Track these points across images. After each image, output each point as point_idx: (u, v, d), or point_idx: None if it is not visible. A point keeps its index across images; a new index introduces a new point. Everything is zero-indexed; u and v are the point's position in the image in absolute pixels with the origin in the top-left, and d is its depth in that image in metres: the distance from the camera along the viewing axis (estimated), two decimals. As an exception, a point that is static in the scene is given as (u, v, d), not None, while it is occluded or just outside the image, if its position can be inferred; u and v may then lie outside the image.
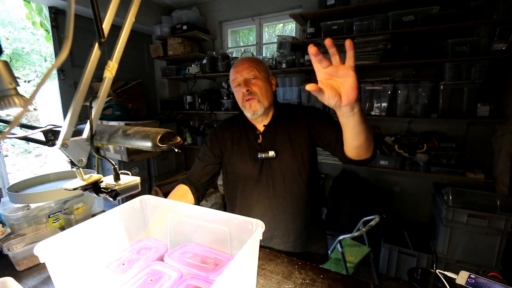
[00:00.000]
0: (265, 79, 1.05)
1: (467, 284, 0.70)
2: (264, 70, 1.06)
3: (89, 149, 0.58)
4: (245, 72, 1.03)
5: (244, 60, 1.06)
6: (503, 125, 1.92)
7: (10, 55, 5.34)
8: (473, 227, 1.77)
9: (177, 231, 0.75)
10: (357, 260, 1.79)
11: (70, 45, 0.43)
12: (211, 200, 2.74)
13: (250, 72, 1.02)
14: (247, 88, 1.01)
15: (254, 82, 1.03)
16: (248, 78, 1.03)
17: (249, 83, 1.03)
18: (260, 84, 1.03)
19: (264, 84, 1.04)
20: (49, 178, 1.29)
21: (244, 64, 1.04)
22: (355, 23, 2.16)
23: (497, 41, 1.79)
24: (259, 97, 1.02)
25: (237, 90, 1.06)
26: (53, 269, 0.54)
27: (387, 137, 2.31)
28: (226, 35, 3.21)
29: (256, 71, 1.03)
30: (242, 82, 1.03)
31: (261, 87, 1.03)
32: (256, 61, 1.06)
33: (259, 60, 1.08)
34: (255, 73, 1.03)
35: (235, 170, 1.10)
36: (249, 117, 1.06)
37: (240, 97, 1.04)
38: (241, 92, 1.03)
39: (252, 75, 1.03)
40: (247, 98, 1.02)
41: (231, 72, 1.08)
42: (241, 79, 1.03)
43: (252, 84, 1.02)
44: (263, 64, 1.07)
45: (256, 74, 1.03)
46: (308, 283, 0.76)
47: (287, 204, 1.04)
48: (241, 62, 1.05)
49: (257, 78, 1.03)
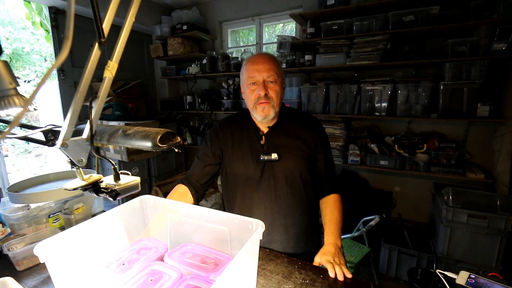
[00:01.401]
0: (281, 84, 1.02)
1: (467, 284, 0.70)
2: (281, 73, 1.02)
3: (89, 149, 0.58)
4: (266, 74, 0.97)
5: (265, 58, 0.99)
6: (503, 125, 1.92)
7: (10, 55, 5.34)
8: (473, 227, 1.76)
9: (177, 231, 0.75)
10: (357, 260, 1.79)
11: (70, 45, 0.43)
12: (211, 200, 2.74)
13: (270, 75, 0.97)
14: (265, 92, 0.97)
15: (273, 86, 0.98)
16: (268, 79, 0.98)
17: (267, 86, 0.98)
18: (278, 89, 0.99)
19: (280, 89, 1.01)
20: (49, 178, 1.29)
21: (266, 64, 0.98)
22: (355, 23, 2.16)
23: (497, 41, 1.79)
24: (274, 102, 0.99)
25: (251, 89, 1.00)
26: (53, 269, 0.54)
27: (387, 137, 2.31)
28: (226, 35, 3.21)
29: (276, 74, 0.98)
30: (261, 84, 0.98)
31: (278, 93, 0.99)
32: (277, 63, 1.01)
33: (277, 60, 1.03)
34: (275, 77, 0.98)
35: (235, 171, 1.07)
36: (258, 119, 1.03)
37: (254, 97, 0.99)
38: (257, 92, 0.98)
39: (272, 78, 0.98)
40: (262, 101, 0.98)
41: (247, 68, 1.00)
42: (260, 79, 0.98)
43: (270, 88, 0.98)
44: (281, 67, 1.03)
45: (276, 78, 0.98)
46: (308, 283, 0.76)
47: (288, 208, 1.03)
48: (262, 60, 0.99)
49: (275, 83, 0.99)
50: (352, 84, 2.24)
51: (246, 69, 1.01)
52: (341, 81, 2.39)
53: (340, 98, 2.31)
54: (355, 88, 2.22)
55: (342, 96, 2.30)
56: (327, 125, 2.39)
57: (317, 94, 2.38)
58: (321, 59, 2.31)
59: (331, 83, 2.34)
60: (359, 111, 2.27)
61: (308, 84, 2.43)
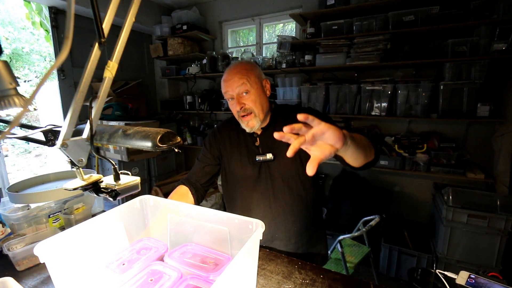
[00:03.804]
0: (258, 89, 0.99)
1: (467, 284, 0.70)
2: (256, 77, 0.99)
3: (89, 149, 0.58)
4: (236, 86, 0.96)
5: (233, 70, 0.99)
6: (503, 125, 1.92)
7: (10, 55, 5.34)
8: (473, 227, 1.76)
9: (177, 231, 0.75)
10: (357, 260, 1.79)
11: (70, 45, 0.43)
12: (211, 200, 2.74)
13: (241, 86, 0.96)
14: (241, 105, 0.97)
15: (247, 97, 0.98)
16: (240, 93, 0.97)
17: (241, 98, 0.98)
18: (254, 97, 0.98)
19: (258, 96, 0.99)
20: (49, 178, 1.29)
21: (234, 77, 0.97)
22: (355, 23, 2.16)
23: (497, 41, 1.79)
24: (255, 111, 0.98)
25: (231, 104, 1.01)
26: (53, 269, 0.54)
27: (387, 137, 2.31)
28: (226, 35, 3.21)
29: (248, 83, 0.96)
30: (235, 97, 0.98)
31: (255, 101, 0.98)
32: (246, 70, 0.98)
33: (249, 66, 1.00)
34: (246, 87, 0.96)
35: (234, 172, 1.09)
36: (247, 130, 1.04)
37: (235, 111, 1.01)
38: (235, 107, 0.99)
39: (244, 89, 0.96)
40: (242, 114, 0.99)
41: (221, 84, 1.01)
42: (233, 94, 0.98)
43: (246, 100, 0.98)
44: (254, 70, 1.00)
45: (248, 88, 0.97)
46: (308, 283, 0.76)
47: (287, 206, 1.04)
48: (230, 74, 0.98)
49: (249, 92, 0.97)
50: (352, 84, 2.24)
51: (221, 85, 1.03)
52: (341, 81, 2.39)
53: (340, 98, 2.31)
54: (355, 88, 2.22)
55: (342, 96, 2.30)
56: (327, 125, 2.39)
57: (317, 94, 2.38)
58: (321, 59, 2.31)
59: (331, 83, 2.34)
60: (359, 111, 2.27)
61: (308, 84, 2.43)
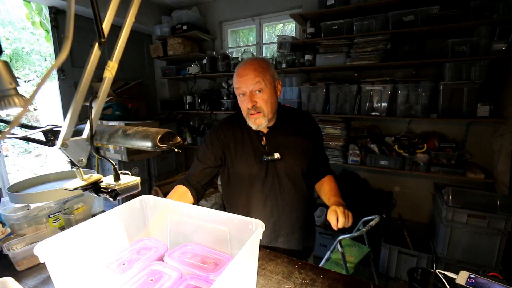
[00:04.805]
0: (271, 89, 0.99)
1: (467, 284, 0.70)
2: (270, 77, 0.99)
3: (89, 149, 0.58)
4: (251, 83, 0.95)
5: (250, 67, 0.97)
6: (503, 125, 1.92)
7: (10, 55, 5.34)
8: (473, 227, 1.76)
9: (177, 231, 0.75)
10: (357, 260, 1.79)
11: (70, 45, 0.43)
12: (211, 200, 2.74)
13: (256, 84, 0.95)
14: (253, 103, 0.96)
15: (260, 96, 0.97)
16: (253, 90, 0.96)
17: (254, 96, 0.97)
18: (266, 97, 0.97)
19: (270, 96, 0.98)
20: (49, 178, 1.29)
21: (250, 74, 0.95)
22: (355, 23, 2.16)
23: (497, 41, 1.79)
24: (264, 111, 0.98)
25: (241, 100, 1.01)
26: (53, 269, 0.54)
27: (387, 137, 2.31)
28: (226, 35, 3.20)
29: (262, 81, 0.95)
30: (247, 94, 0.97)
31: (267, 101, 0.98)
32: (262, 68, 0.97)
33: (266, 65, 0.99)
34: (261, 85, 0.96)
35: (239, 171, 1.07)
36: (253, 128, 1.03)
37: (244, 107, 1.00)
38: (246, 104, 0.98)
39: (258, 87, 0.96)
40: (251, 112, 0.98)
41: (234, 79, 1.00)
42: (247, 91, 0.97)
43: (258, 98, 0.97)
44: (269, 69, 0.99)
45: (262, 86, 0.96)
46: (308, 283, 0.76)
47: (292, 203, 1.06)
48: (246, 69, 0.97)
49: (262, 91, 0.96)
50: (352, 84, 2.24)
51: (234, 80, 1.02)
52: (341, 81, 2.39)
53: (340, 98, 2.31)
54: (355, 88, 2.22)
55: (342, 96, 2.30)
56: (327, 125, 2.39)
57: (317, 94, 2.38)
58: (321, 59, 2.31)
59: (331, 83, 2.34)
60: (359, 111, 2.27)
61: (308, 84, 2.43)
